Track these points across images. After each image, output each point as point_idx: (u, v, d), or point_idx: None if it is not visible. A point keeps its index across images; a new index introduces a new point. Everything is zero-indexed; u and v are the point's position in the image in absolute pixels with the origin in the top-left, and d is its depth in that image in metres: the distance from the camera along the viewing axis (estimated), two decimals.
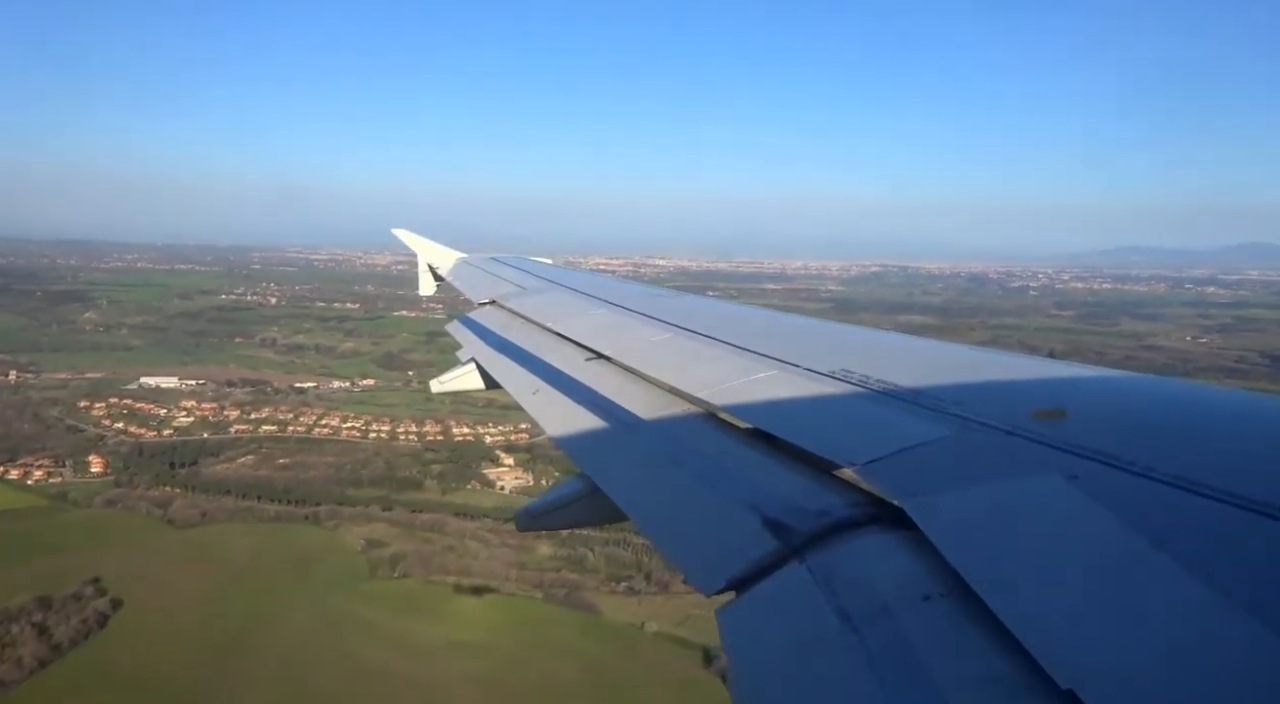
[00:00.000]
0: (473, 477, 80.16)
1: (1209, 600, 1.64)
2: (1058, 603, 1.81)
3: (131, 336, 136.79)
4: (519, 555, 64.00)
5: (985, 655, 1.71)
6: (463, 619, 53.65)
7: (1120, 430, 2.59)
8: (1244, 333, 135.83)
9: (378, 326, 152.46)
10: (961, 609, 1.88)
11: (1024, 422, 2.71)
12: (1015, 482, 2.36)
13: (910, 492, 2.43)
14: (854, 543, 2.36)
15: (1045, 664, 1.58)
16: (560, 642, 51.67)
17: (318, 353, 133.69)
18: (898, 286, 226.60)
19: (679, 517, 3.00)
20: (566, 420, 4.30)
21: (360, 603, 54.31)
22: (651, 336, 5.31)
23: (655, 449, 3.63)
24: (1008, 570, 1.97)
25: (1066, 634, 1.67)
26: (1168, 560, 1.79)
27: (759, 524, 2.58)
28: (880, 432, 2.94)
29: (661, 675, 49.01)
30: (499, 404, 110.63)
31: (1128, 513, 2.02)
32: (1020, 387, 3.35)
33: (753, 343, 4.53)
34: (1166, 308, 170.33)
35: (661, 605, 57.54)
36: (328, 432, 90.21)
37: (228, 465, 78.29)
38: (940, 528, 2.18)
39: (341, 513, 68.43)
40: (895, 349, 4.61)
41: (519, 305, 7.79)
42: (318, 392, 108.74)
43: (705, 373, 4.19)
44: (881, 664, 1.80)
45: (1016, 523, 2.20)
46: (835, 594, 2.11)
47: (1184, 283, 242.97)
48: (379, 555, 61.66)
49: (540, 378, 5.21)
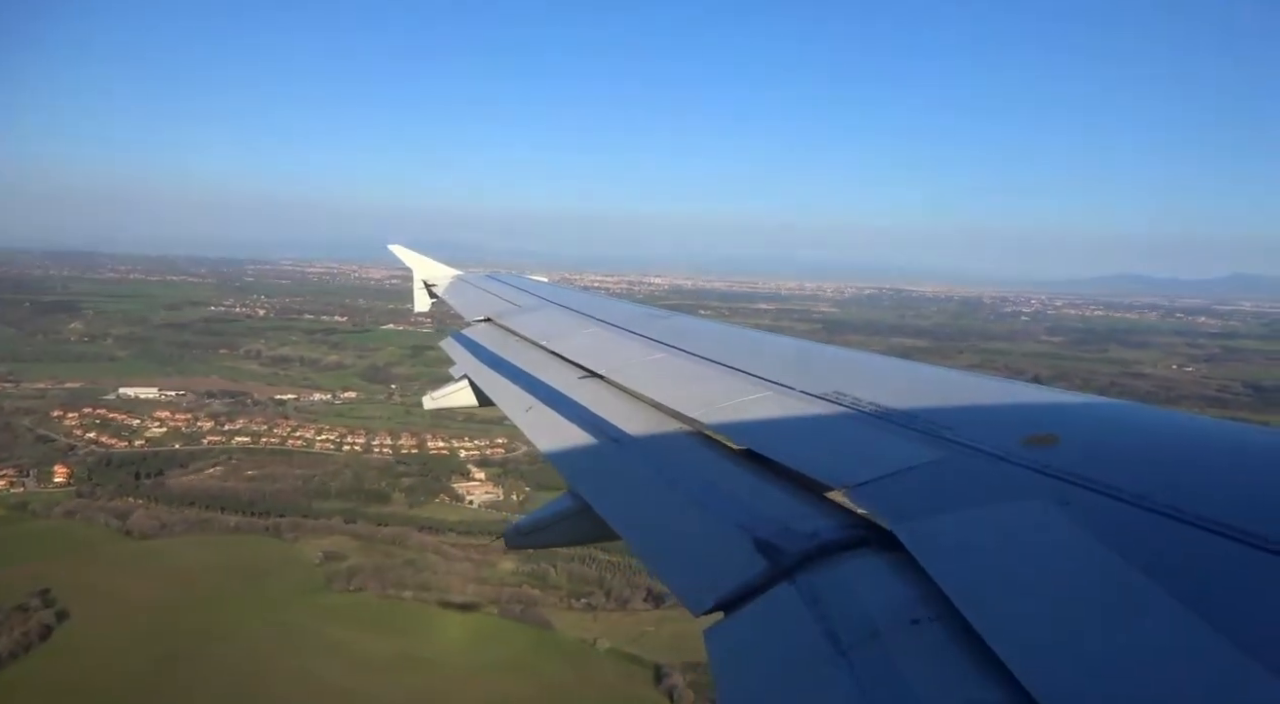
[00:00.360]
0: (441, 490, 79.76)
1: (1198, 630, 1.64)
2: (1046, 629, 1.81)
3: (116, 347, 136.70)
4: (479, 570, 63.48)
5: (972, 680, 1.72)
6: (414, 634, 53.04)
7: (1113, 458, 2.59)
8: (1229, 363, 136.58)
9: (364, 340, 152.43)
10: (950, 633, 1.89)
11: (1016, 447, 2.71)
12: (1006, 506, 2.36)
13: (901, 515, 2.44)
14: (844, 565, 2.37)
15: (1032, 690, 1.58)
16: (509, 658, 51.10)
17: (302, 365, 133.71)
18: (890, 309, 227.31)
19: (669, 536, 3.02)
20: (559, 438, 4.32)
21: (311, 616, 53.72)
22: (645, 356, 5.30)
23: (647, 468, 3.63)
24: (996, 595, 1.98)
25: (1054, 660, 1.68)
26: (1158, 589, 1.79)
27: (749, 545, 2.59)
28: (872, 454, 2.96)
29: (606, 693, 48.48)
30: (479, 419, 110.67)
31: (1119, 540, 2.02)
32: (1013, 412, 3.34)
33: (746, 364, 4.53)
34: (1157, 336, 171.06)
35: (618, 622, 57.09)
36: (301, 444, 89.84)
37: (195, 477, 77.76)
38: (930, 551, 2.20)
39: (304, 525, 67.83)
40: (888, 372, 4.58)
41: (513, 323, 7.84)
42: (298, 404, 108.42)
43: (698, 393, 4.21)
44: (869, 687, 1.81)
45: (1006, 547, 2.20)
46: (824, 616, 2.12)
47: (1175, 312, 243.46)
48: (336, 568, 61.05)
49: (533, 395, 5.23)
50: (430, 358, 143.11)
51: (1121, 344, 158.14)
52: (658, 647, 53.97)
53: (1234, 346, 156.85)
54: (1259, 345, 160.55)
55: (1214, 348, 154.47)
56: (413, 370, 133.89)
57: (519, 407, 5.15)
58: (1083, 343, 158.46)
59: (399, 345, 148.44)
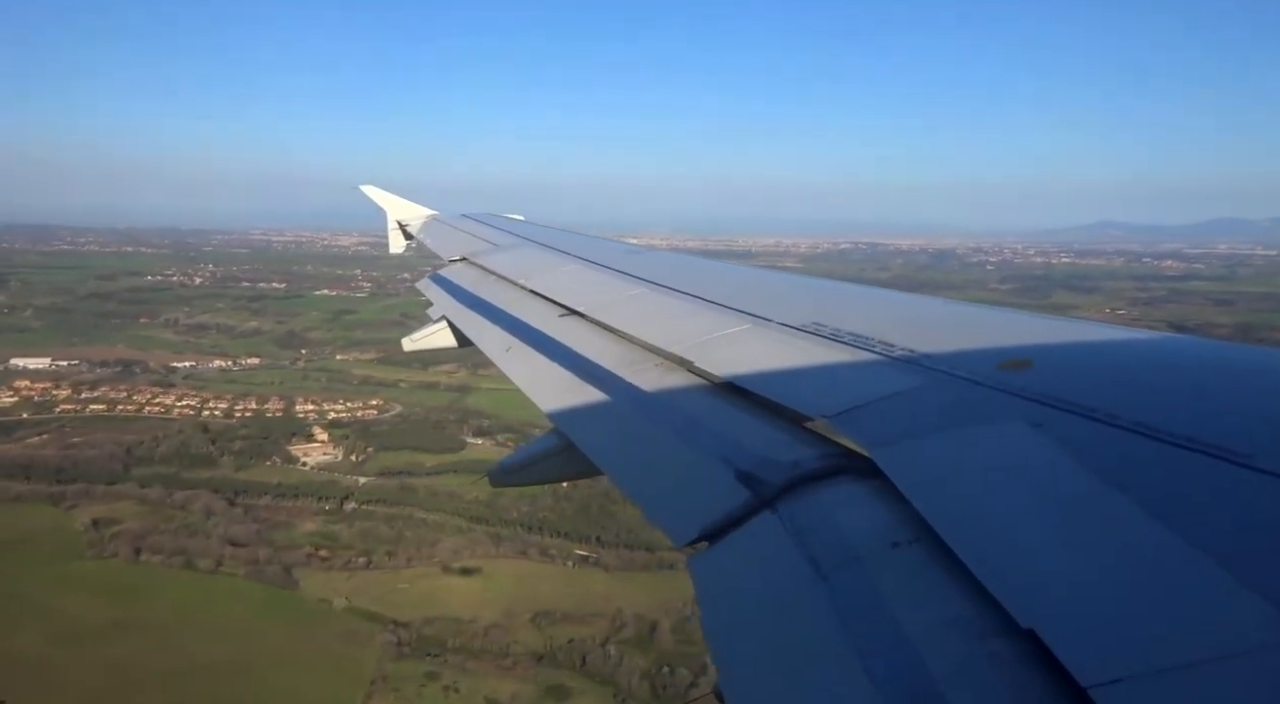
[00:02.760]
0: (275, 453, 78.32)
1: (1168, 542, 1.68)
2: (1021, 546, 1.85)
3: (34, 318, 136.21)
4: (269, 531, 62.18)
5: (951, 599, 1.76)
6: (146, 599, 51.76)
7: (1085, 379, 2.62)
8: (1168, 306, 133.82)
9: (291, 306, 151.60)
10: (929, 555, 1.93)
11: (991, 372, 2.74)
12: (981, 430, 2.39)
13: (879, 441, 2.47)
14: (824, 493, 2.40)
15: (1007, 605, 1.62)
16: (232, 620, 49.66)
17: (218, 332, 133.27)
18: (856, 263, 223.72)
19: (652, 470, 3.04)
20: (540, 377, 4.35)
21: (43, 585, 52.47)
22: (624, 292, 5.30)
23: (628, 404, 3.62)
24: (973, 516, 2.01)
25: (1028, 576, 1.72)
26: (1130, 505, 1.83)
27: (731, 476, 2.62)
28: (851, 383, 2.98)
29: (319, 654, 46.90)
30: (375, 381, 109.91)
31: (1090, 458, 2.06)
32: (988, 337, 3.30)
33: (726, 298, 4.51)
34: (1112, 281, 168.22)
35: (373, 581, 55.66)
36: (159, 410, 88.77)
37: (14, 445, 76.66)
38: (907, 476, 2.23)
39: (94, 492, 66.61)
40: (866, 302, 4.58)
41: (491, 262, 7.75)
42: (190, 371, 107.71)
43: (678, 328, 4.20)
44: (850, 610, 1.86)
45: (982, 469, 2.23)
46: (806, 543, 2.15)
47: (1144, 257, 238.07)
48: (100, 536, 59.78)
49: (513, 335, 5.23)
50: (348, 322, 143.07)
51: (1070, 290, 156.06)
52: (403, 604, 52.50)
53: (1183, 289, 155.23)
54: (1210, 287, 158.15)
55: (1162, 291, 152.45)
56: (329, 335, 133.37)
57: (499, 346, 5.19)
58: (1030, 290, 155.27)
59: (323, 311, 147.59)
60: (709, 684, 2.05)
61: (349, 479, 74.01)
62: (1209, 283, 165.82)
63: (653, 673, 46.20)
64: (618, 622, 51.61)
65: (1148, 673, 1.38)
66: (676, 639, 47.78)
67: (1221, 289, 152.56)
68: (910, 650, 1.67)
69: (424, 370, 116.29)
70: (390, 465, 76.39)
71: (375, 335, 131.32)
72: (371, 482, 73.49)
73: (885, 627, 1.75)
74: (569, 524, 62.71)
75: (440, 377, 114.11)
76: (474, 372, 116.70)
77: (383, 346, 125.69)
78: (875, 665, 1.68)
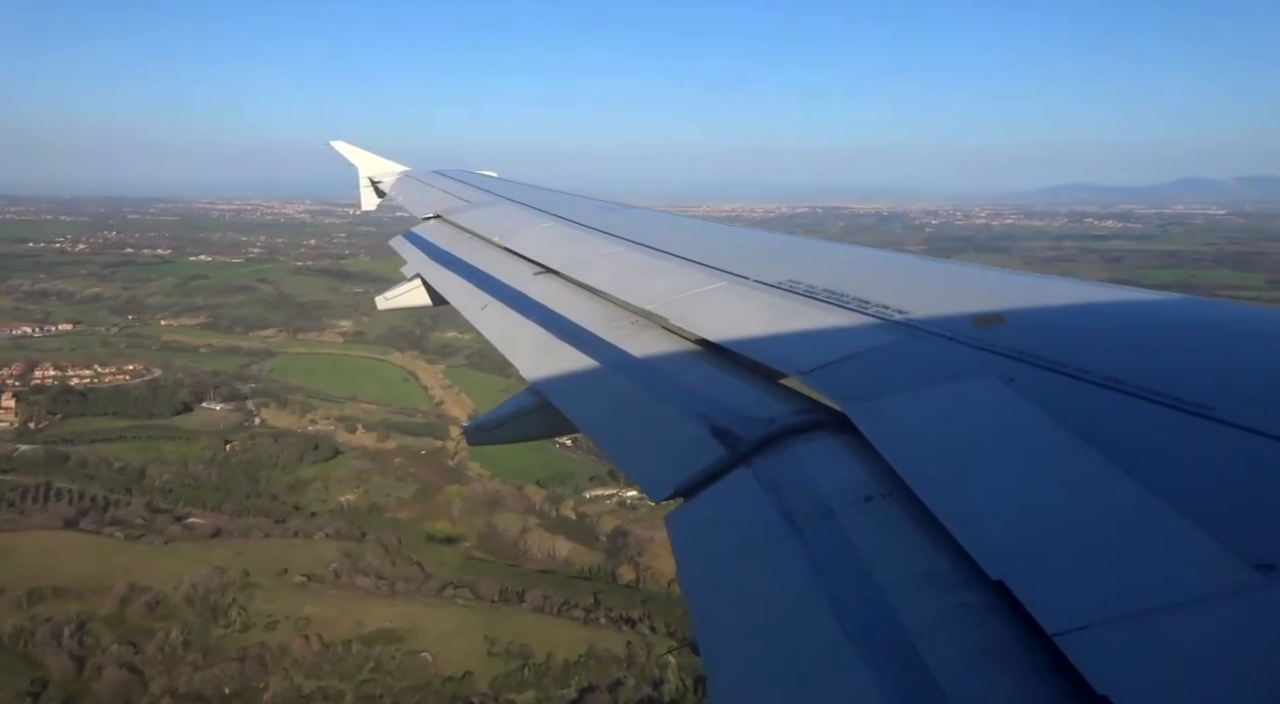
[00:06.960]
0: None
1: (1133, 493, 1.71)
2: (991, 499, 1.88)
3: None
4: None
5: (923, 552, 1.79)
6: None
7: (1056, 335, 2.63)
8: (1063, 263, 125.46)
9: (150, 272, 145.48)
10: (902, 509, 1.97)
11: (965, 328, 2.74)
12: (953, 385, 2.40)
13: (853, 397, 2.49)
14: (799, 448, 2.41)
15: (977, 557, 1.64)
16: None
17: (57, 299, 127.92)
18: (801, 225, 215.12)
19: (628, 427, 3.04)
20: (515, 335, 4.33)
21: None
22: (600, 250, 5.27)
23: (604, 362, 3.61)
24: (945, 470, 2.04)
25: (998, 529, 1.75)
26: (1098, 457, 1.86)
27: (707, 433, 2.63)
28: (825, 340, 2.97)
29: None
30: (177, 346, 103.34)
31: (1061, 412, 2.08)
32: (963, 294, 3.29)
33: (701, 256, 4.47)
34: (1032, 241, 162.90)
35: None
36: None
37: None
38: (881, 431, 2.25)
39: None
40: (842, 259, 4.58)
41: (465, 220, 7.65)
42: None
43: (654, 286, 4.17)
44: (823, 563, 1.89)
45: (954, 424, 2.26)
46: (780, 497, 2.18)
47: (1087, 218, 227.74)
48: None
49: (488, 293, 5.21)
50: (194, 287, 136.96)
51: (981, 250, 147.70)
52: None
53: (1098, 248, 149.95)
54: (1130, 245, 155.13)
55: (1074, 250, 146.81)
56: (167, 301, 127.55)
57: (474, 305, 5.18)
58: (941, 251, 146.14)
59: (177, 277, 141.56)
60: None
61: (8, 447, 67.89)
62: (1129, 241, 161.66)
63: None
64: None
65: (1112, 620, 1.40)
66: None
67: (1131, 247, 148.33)
68: (882, 602, 1.68)
69: (244, 335, 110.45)
70: (70, 433, 70.27)
71: (214, 300, 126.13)
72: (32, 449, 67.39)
73: (858, 579, 1.76)
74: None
75: (256, 342, 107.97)
76: (294, 336, 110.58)
77: (213, 312, 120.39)
78: (848, 617, 1.69)
